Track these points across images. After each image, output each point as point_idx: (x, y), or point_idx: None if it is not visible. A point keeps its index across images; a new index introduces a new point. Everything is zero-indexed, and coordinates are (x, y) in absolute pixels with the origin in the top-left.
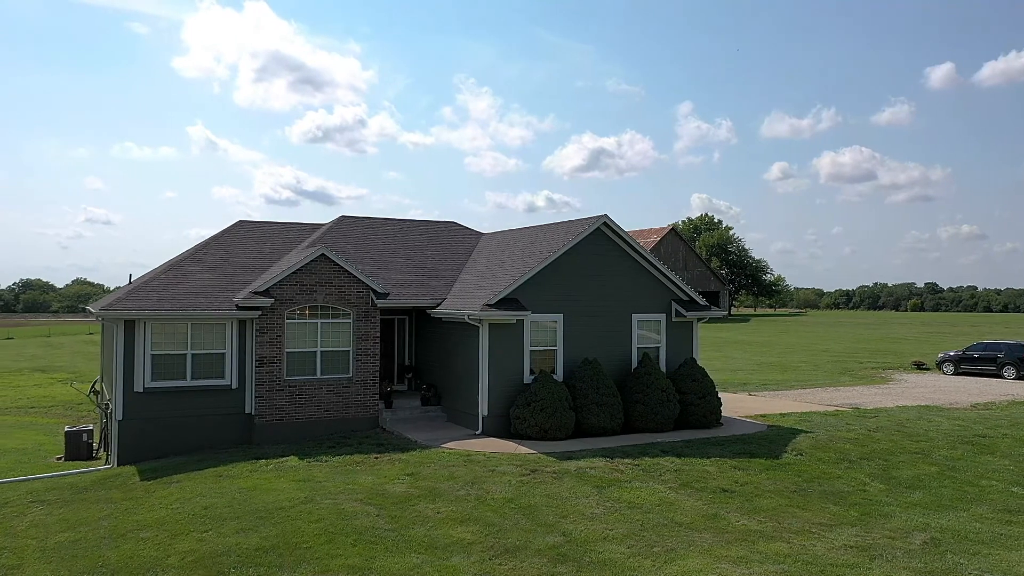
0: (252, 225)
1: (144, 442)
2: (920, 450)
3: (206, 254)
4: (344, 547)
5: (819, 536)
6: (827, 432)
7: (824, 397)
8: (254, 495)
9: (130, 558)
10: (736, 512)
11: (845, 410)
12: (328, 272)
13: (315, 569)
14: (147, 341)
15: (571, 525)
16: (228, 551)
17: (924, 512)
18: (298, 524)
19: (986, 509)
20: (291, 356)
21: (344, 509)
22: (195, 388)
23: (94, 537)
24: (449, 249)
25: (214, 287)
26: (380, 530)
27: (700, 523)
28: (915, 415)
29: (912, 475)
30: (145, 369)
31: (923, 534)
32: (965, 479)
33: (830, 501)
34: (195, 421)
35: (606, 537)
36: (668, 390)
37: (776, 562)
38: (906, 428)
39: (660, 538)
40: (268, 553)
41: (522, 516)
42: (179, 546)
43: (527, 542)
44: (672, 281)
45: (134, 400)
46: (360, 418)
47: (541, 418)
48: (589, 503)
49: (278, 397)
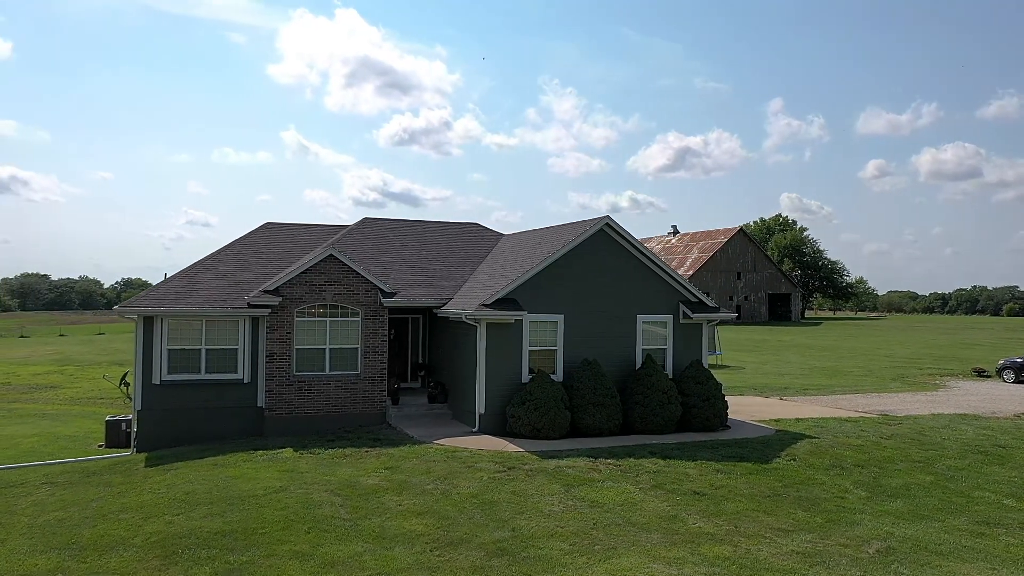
0: (279, 227)
1: (161, 431)
2: (924, 459)
3: (229, 254)
4: (298, 534)
5: (770, 541)
6: (834, 438)
7: (860, 403)
8: (235, 483)
9: (101, 537)
10: (697, 515)
11: (871, 417)
12: (336, 271)
13: (262, 553)
14: (164, 336)
15: (524, 521)
16: (190, 534)
17: (894, 521)
18: (263, 511)
19: (964, 520)
20: (300, 352)
21: (312, 499)
22: (209, 381)
23: (79, 517)
24: (467, 250)
25: (231, 286)
26: (337, 519)
27: (654, 524)
28: (943, 423)
29: (901, 484)
30: (162, 362)
31: (881, 543)
32: (958, 489)
33: (800, 507)
34: (209, 413)
35: (553, 534)
36: (670, 392)
37: (711, 564)
38: (924, 436)
39: (607, 537)
40: (225, 537)
41: (479, 511)
42: (148, 527)
43: (473, 536)
44: (679, 283)
45: (151, 391)
46: (368, 413)
47: (534, 417)
48: (551, 501)
49: (287, 392)
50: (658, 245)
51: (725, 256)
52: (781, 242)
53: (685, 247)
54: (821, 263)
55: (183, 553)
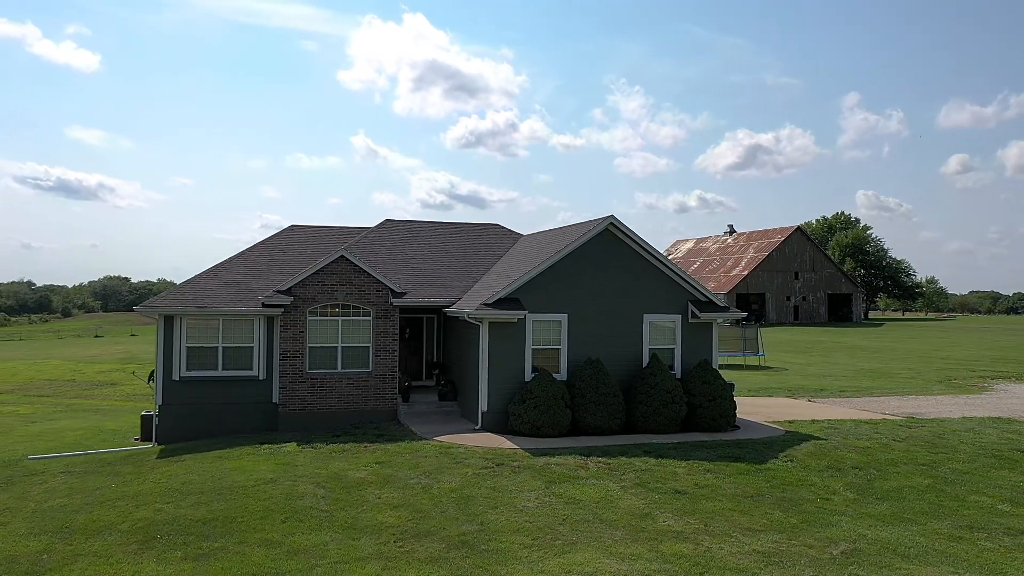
0: (303, 229)
1: (181, 425)
2: (929, 462)
3: (251, 256)
4: (273, 523)
5: (735, 540)
6: (842, 440)
7: (892, 405)
8: (231, 474)
9: (93, 522)
10: (671, 513)
11: (894, 419)
12: (348, 272)
13: (235, 540)
14: (183, 335)
15: (495, 516)
16: (173, 521)
17: (872, 524)
18: (247, 501)
19: (947, 524)
20: (313, 351)
21: (297, 490)
22: (226, 378)
23: (80, 503)
24: (484, 250)
25: (249, 287)
26: (314, 510)
27: (624, 521)
28: (968, 426)
29: (894, 486)
30: (182, 360)
31: (849, 545)
32: (954, 493)
33: (780, 508)
34: (226, 408)
35: (519, 529)
36: (674, 391)
37: (664, 561)
38: (940, 439)
39: (571, 533)
40: (204, 525)
41: (454, 505)
42: (138, 514)
43: (441, 528)
44: (688, 282)
45: (171, 387)
46: (379, 410)
47: (534, 415)
48: (529, 497)
49: (300, 388)
50: (714, 245)
51: (782, 255)
52: (842, 241)
53: (741, 247)
54: (885, 262)
55: (161, 538)
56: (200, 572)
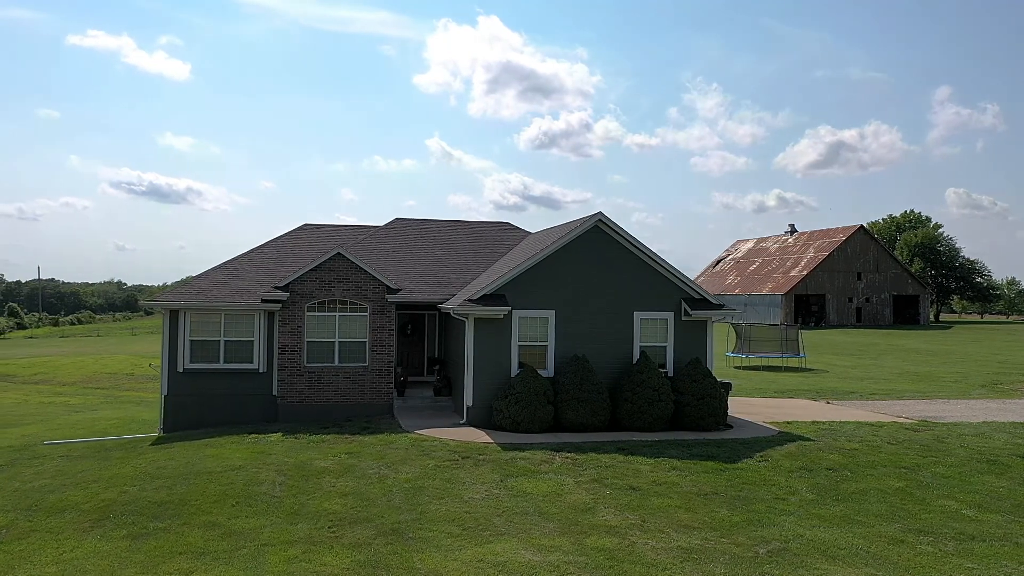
0: (314, 228)
1: (185, 415)
2: (913, 465)
3: (260, 253)
4: (223, 507)
5: (665, 536)
6: (830, 442)
7: (913, 408)
8: (205, 461)
9: (60, 501)
10: (614, 508)
11: (903, 422)
12: (345, 269)
13: (179, 522)
14: (187, 328)
15: (436, 506)
16: (132, 502)
17: (816, 524)
18: (208, 486)
19: (895, 528)
20: (311, 345)
21: (258, 477)
22: (228, 370)
23: (58, 484)
24: (488, 248)
25: (254, 283)
26: (267, 496)
27: (562, 515)
28: (980, 431)
29: (860, 488)
30: (185, 352)
31: (780, 545)
32: (922, 497)
33: (729, 507)
34: (228, 399)
35: (454, 519)
36: (661, 389)
37: (580, 554)
38: (939, 443)
39: (504, 524)
40: (159, 507)
41: (400, 495)
42: (104, 495)
43: (378, 516)
44: (682, 280)
45: (176, 378)
46: (375, 404)
47: (515, 410)
48: (479, 489)
49: (298, 381)
50: (775, 245)
51: (843, 255)
52: (911, 240)
53: (802, 246)
54: (958, 262)
55: (113, 518)
56: (134, 549)
